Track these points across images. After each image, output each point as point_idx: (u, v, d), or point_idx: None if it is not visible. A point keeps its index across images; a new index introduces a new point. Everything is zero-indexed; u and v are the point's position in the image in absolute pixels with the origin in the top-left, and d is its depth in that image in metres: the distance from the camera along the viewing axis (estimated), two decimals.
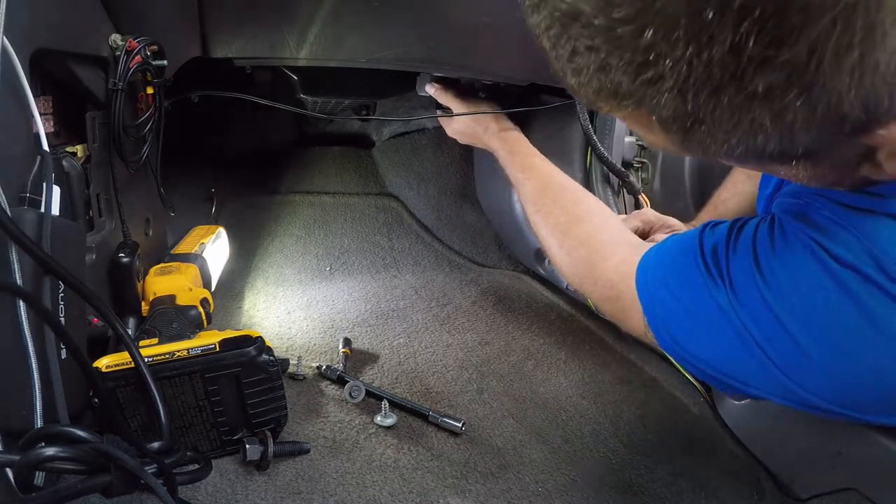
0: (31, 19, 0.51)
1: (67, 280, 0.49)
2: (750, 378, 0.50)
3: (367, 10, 0.79)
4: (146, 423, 0.58)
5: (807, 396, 0.47)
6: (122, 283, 0.72)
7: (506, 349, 0.96)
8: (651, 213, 0.92)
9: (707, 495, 0.70)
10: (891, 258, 0.41)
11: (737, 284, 0.49)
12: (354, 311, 1.02)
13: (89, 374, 0.51)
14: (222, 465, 0.63)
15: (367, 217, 1.30)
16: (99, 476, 0.43)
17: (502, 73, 0.99)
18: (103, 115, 0.68)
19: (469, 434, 0.77)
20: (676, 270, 0.55)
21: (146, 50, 0.68)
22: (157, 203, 0.89)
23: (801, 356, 0.45)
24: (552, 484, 0.70)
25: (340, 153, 1.44)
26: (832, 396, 0.46)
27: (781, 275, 0.46)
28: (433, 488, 0.67)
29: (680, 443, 0.79)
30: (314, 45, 0.84)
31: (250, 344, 0.61)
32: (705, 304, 0.50)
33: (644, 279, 0.59)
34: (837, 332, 0.44)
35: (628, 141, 1.14)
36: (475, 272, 1.18)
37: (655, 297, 0.56)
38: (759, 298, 0.47)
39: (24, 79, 0.49)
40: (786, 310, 0.46)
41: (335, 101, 1.29)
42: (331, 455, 0.69)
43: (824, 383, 0.46)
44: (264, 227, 1.24)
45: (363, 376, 0.85)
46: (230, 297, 1.02)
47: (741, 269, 0.49)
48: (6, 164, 0.50)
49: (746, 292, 0.48)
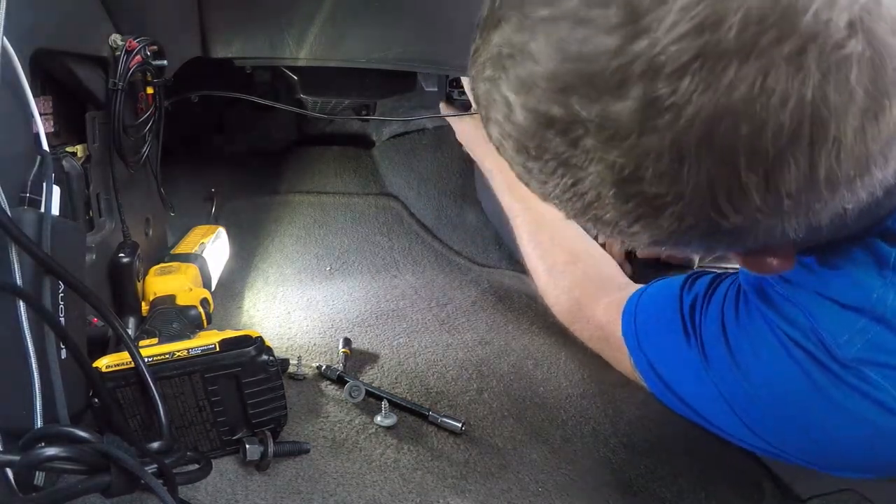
0: (31, 19, 0.51)
1: (67, 280, 0.49)
2: (728, 427, 0.54)
3: (367, 10, 0.80)
4: (146, 423, 0.58)
5: (777, 453, 0.52)
6: (122, 283, 0.72)
7: (506, 349, 0.96)
8: None
9: (707, 495, 0.70)
10: (832, 339, 0.44)
11: (707, 346, 0.54)
12: (354, 311, 1.02)
13: (89, 374, 0.51)
14: (222, 465, 0.63)
15: (367, 217, 1.30)
16: (99, 476, 0.43)
17: None
18: (103, 115, 0.68)
19: (469, 434, 0.77)
20: (659, 322, 0.59)
21: (146, 50, 0.68)
22: (157, 203, 0.89)
23: (767, 417, 0.50)
24: (552, 484, 0.70)
25: (340, 153, 1.43)
26: (800, 455, 0.51)
27: (744, 343, 0.51)
28: (433, 488, 0.67)
29: (680, 443, 0.79)
30: (314, 45, 0.84)
31: (250, 344, 0.61)
32: (682, 358, 0.55)
33: (629, 325, 0.62)
34: (792, 397, 0.48)
35: None
36: (475, 272, 1.18)
37: (641, 344, 0.60)
38: (725, 360, 0.52)
39: (24, 79, 0.49)
40: (748, 374, 0.50)
41: (335, 101, 1.29)
42: (331, 455, 0.69)
43: (790, 444, 0.51)
44: (264, 227, 1.24)
45: (363, 376, 0.85)
46: (230, 297, 1.02)
47: (711, 332, 0.54)
48: (6, 164, 0.50)
49: (715, 354, 0.53)
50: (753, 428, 0.51)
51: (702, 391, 0.54)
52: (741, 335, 0.51)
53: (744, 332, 0.51)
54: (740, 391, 0.51)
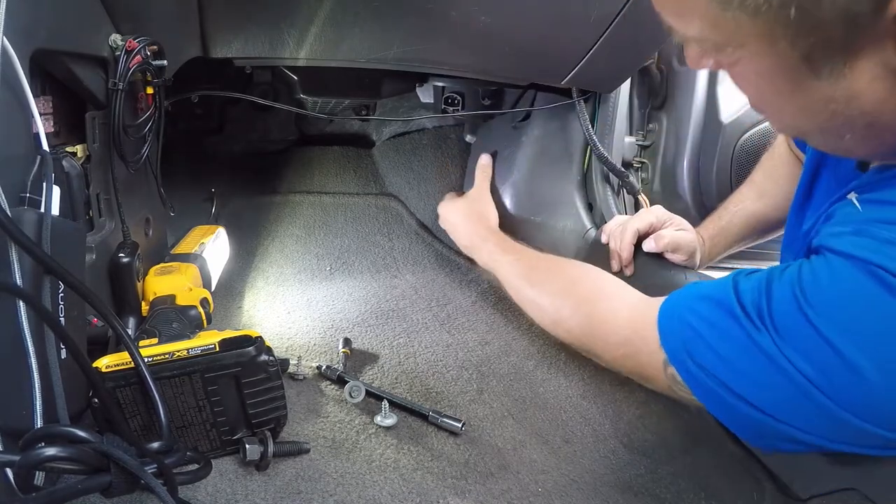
0: (31, 19, 0.51)
1: (67, 280, 0.49)
2: (798, 420, 0.48)
3: (367, 9, 0.79)
4: (146, 423, 0.58)
5: (861, 425, 0.45)
6: (122, 283, 0.72)
7: (506, 349, 0.96)
8: (661, 209, 0.92)
9: (707, 495, 0.70)
10: None
11: (780, 323, 0.47)
12: (354, 311, 1.02)
13: (89, 374, 0.51)
14: (222, 465, 0.63)
15: (367, 217, 1.30)
16: (99, 476, 0.43)
17: (502, 74, 0.99)
18: (103, 115, 0.68)
19: (469, 434, 0.77)
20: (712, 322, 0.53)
21: (146, 50, 0.68)
22: (157, 203, 0.89)
23: (856, 379, 0.44)
24: (552, 484, 0.70)
25: (340, 153, 1.43)
26: (889, 420, 0.44)
27: (832, 295, 0.45)
28: (433, 488, 0.67)
29: (680, 443, 0.79)
30: (314, 44, 0.84)
31: (250, 344, 0.61)
32: (749, 354, 0.49)
33: (669, 331, 0.56)
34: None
35: (628, 141, 1.15)
36: (475, 272, 1.18)
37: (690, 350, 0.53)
38: (806, 329, 0.46)
39: (24, 79, 0.49)
40: (837, 331, 0.44)
41: (335, 101, 1.29)
42: (331, 455, 0.69)
43: (881, 405, 0.44)
44: (264, 227, 1.24)
45: (363, 376, 0.85)
46: (230, 297, 1.02)
47: (784, 306, 0.48)
48: (6, 164, 0.49)
49: (793, 328, 0.47)
50: (839, 400, 0.44)
51: (774, 385, 0.48)
52: (830, 288, 0.45)
53: (832, 284, 0.45)
54: (826, 357, 0.44)
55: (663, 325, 0.57)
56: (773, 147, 0.90)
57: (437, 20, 0.82)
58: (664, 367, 0.56)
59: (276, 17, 0.80)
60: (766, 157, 0.90)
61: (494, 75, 0.99)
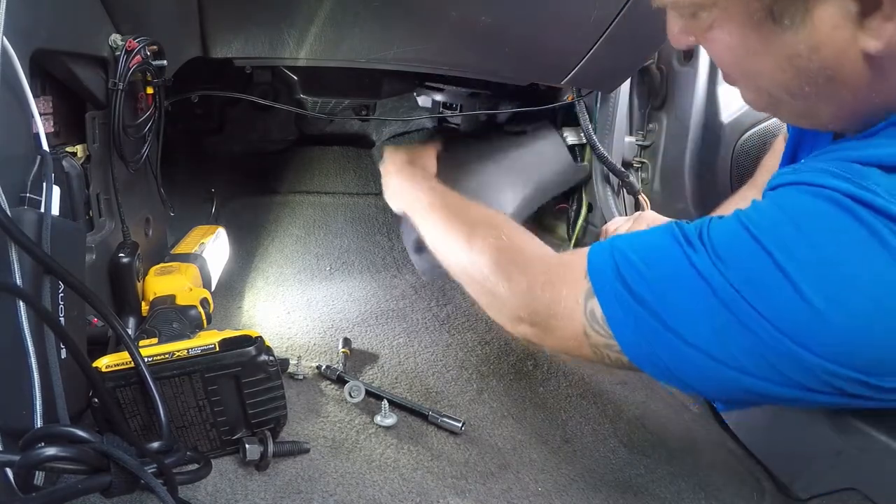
0: (31, 19, 0.51)
1: (67, 280, 0.49)
2: (742, 358, 0.44)
3: (367, 9, 0.79)
4: (146, 423, 0.58)
5: (817, 361, 0.41)
6: (122, 283, 0.72)
7: (506, 349, 0.96)
8: (654, 214, 0.92)
9: (707, 495, 0.70)
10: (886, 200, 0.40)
11: (718, 241, 0.45)
12: (354, 311, 1.02)
13: (89, 374, 0.51)
14: (222, 465, 0.63)
15: (367, 217, 1.30)
16: (99, 476, 0.43)
17: (502, 73, 0.99)
18: (103, 115, 0.68)
19: (469, 434, 0.77)
20: (648, 245, 0.49)
21: (146, 50, 0.68)
22: (157, 203, 0.89)
23: (812, 313, 0.41)
24: (552, 484, 0.70)
25: (340, 153, 1.44)
26: (848, 357, 0.41)
27: (773, 213, 0.44)
28: (433, 488, 0.67)
29: (680, 443, 0.79)
30: (314, 44, 0.83)
31: (250, 344, 0.61)
32: (685, 277, 0.45)
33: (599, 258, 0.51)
34: (864, 280, 0.40)
35: (628, 141, 1.15)
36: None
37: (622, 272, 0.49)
38: (749, 245, 0.43)
39: (24, 79, 0.49)
40: (779, 247, 0.42)
41: (335, 101, 1.29)
42: (331, 455, 0.69)
43: (840, 341, 0.41)
44: (264, 227, 1.24)
45: (363, 376, 0.85)
46: (230, 297, 1.02)
47: (725, 226, 0.46)
48: (6, 164, 0.49)
49: (735, 252, 0.44)
50: (794, 334, 0.41)
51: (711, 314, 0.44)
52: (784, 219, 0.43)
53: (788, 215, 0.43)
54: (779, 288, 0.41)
55: (594, 253, 0.52)
56: (773, 147, 0.90)
57: (438, 20, 0.82)
58: (584, 302, 0.51)
59: (276, 17, 0.80)
60: (767, 158, 0.90)
61: (494, 75, 0.99)
